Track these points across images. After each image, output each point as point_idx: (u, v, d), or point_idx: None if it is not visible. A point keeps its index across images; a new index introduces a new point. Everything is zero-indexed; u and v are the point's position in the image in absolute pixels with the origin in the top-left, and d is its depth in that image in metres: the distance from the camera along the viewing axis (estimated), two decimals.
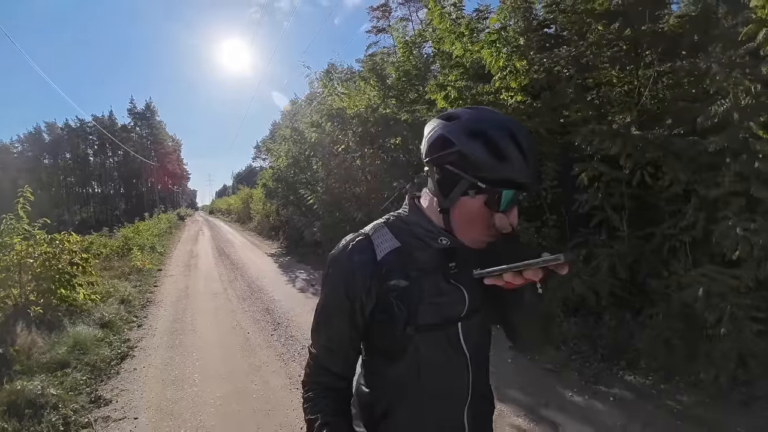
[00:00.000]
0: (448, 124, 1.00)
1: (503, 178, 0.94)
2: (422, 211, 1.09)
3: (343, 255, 1.06)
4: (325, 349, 1.10)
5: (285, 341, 5.39)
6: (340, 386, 1.11)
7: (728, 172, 3.56)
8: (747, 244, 3.41)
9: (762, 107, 3.43)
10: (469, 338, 1.08)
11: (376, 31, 37.82)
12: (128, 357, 5.13)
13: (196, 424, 3.56)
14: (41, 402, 3.72)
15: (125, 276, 9.87)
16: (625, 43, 5.19)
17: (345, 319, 1.05)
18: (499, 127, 0.97)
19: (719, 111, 3.51)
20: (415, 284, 1.02)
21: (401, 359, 1.04)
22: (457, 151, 0.96)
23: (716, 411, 3.41)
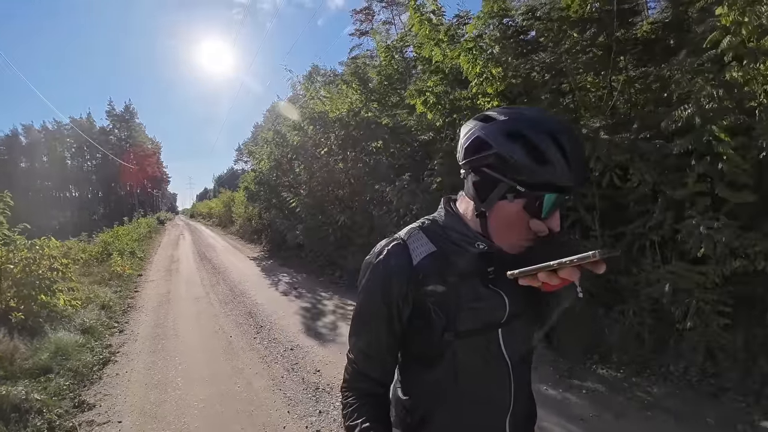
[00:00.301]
0: (485, 125, 0.98)
1: (544, 182, 0.90)
2: (458, 216, 1.07)
3: (379, 260, 1.05)
4: (363, 355, 1.09)
5: (268, 344, 5.44)
6: (378, 392, 1.10)
7: (692, 174, 3.73)
8: (710, 242, 3.59)
9: (724, 111, 3.61)
10: (510, 345, 1.06)
11: (359, 33, 37.98)
12: (110, 362, 5.15)
13: (180, 426, 3.61)
14: (26, 407, 3.75)
15: (105, 281, 9.80)
16: (599, 49, 5.36)
17: (382, 325, 1.04)
18: (539, 128, 0.93)
19: (683, 115, 3.68)
20: (452, 289, 1.01)
21: (439, 364, 1.03)
22: (495, 154, 0.94)
23: (686, 402, 3.57)
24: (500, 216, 0.97)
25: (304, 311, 6.96)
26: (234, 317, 6.85)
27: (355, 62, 10.53)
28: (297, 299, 7.88)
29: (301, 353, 5.03)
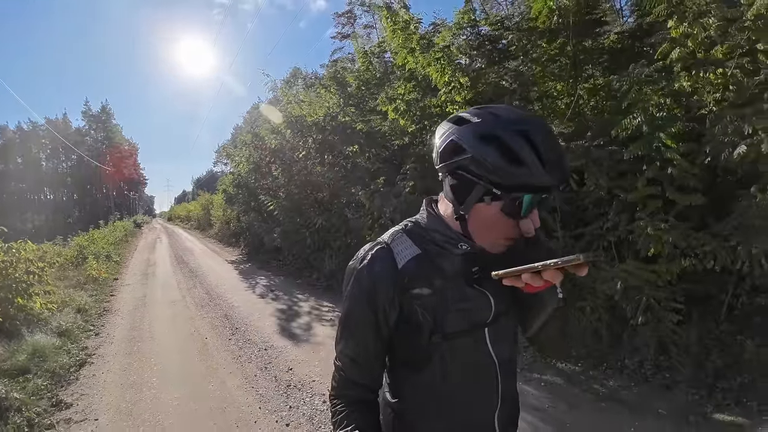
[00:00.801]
0: (458, 128, 0.98)
1: (520, 184, 0.90)
2: (440, 217, 1.06)
3: (363, 265, 1.04)
4: (351, 362, 1.08)
5: (242, 345, 5.58)
6: (368, 398, 1.10)
7: (642, 178, 3.99)
8: (659, 242, 3.84)
9: (673, 119, 3.86)
10: (496, 343, 1.07)
11: (341, 37, 38.04)
12: (87, 364, 5.23)
13: (155, 423, 3.75)
14: (5, 405, 3.84)
15: (81, 285, 9.76)
16: (565, 58, 5.62)
17: (370, 332, 1.04)
18: (512, 128, 0.93)
19: (632, 124, 3.94)
20: (439, 292, 1.01)
21: (427, 367, 1.04)
22: (470, 157, 0.94)
23: (639, 394, 3.80)
24: (479, 218, 0.98)
25: (279, 313, 7.09)
26: (210, 320, 6.95)
27: (335, 65, 10.61)
28: (273, 301, 8.00)
29: (275, 353, 5.17)
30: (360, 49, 8.92)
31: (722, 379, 3.74)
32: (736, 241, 3.60)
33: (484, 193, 0.94)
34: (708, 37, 3.73)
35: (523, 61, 5.98)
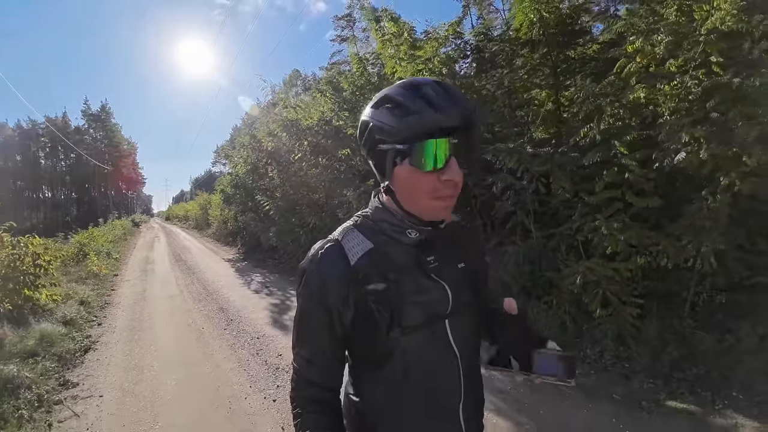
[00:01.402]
0: (366, 110, 1.01)
1: (415, 131, 0.90)
2: (384, 206, 1.05)
3: (314, 265, 1.02)
4: (307, 362, 1.07)
5: (237, 334, 5.97)
6: (326, 398, 1.08)
7: (600, 182, 4.36)
8: (614, 241, 4.21)
9: (627, 129, 4.25)
10: (458, 335, 1.05)
11: (340, 39, 38.24)
12: (91, 350, 5.61)
13: (154, 399, 4.13)
14: (17, 383, 4.21)
15: (83, 280, 10.14)
16: (547, 67, 5.99)
17: (323, 331, 1.02)
18: (401, 87, 0.96)
19: (589, 133, 4.34)
20: (394, 285, 0.98)
21: (387, 363, 1.01)
22: (371, 127, 0.96)
23: (598, 381, 4.12)
24: (400, 184, 0.98)
25: (272, 306, 7.47)
26: (206, 312, 7.33)
27: (334, 67, 10.80)
28: (267, 296, 8.37)
29: (267, 341, 5.56)
30: (354, 55, 9.26)
31: (678, 370, 4.03)
32: (687, 240, 3.92)
33: (394, 156, 0.95)
34: (660, 52, 4.08)
35: (506, 71, 6.31)
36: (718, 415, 3.48)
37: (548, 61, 5.96)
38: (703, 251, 3.81)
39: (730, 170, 3.60)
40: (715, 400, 3.63)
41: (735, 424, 3.34)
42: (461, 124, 0.91)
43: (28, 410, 3.88)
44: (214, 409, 3.88)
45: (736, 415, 3.43)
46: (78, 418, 3.84)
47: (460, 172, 0.93)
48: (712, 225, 3.82)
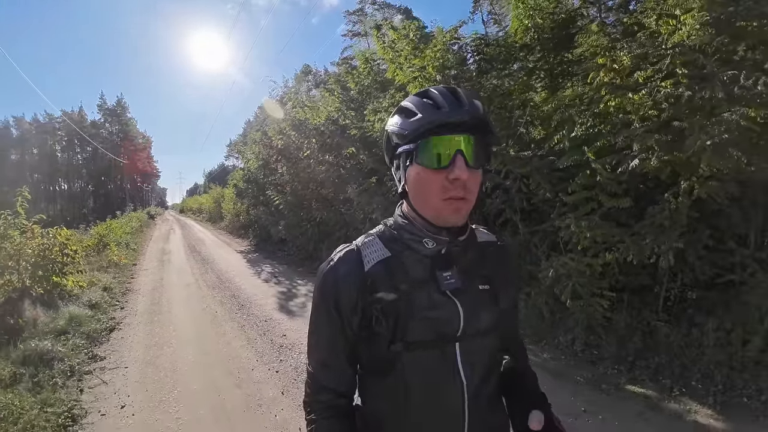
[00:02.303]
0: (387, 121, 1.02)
1: (418, 132, 0.92)
2: (404, 214, 1.05)
3: (330, 267, 1.02)
4: (321, 366, 1.06)
5: (247, 317, 6.54)
6: (339, 404, 1.06)
7: (573, 184, 4.75)
8: (583, 238, 4.59)
9: (597, 136, 4.65)
10: (468, 362, 0.99)
11: (351, 35, 38.47)
12: (116, 329, 6.22)
13: (174, 370, 4.70)
14: (51, 356, 4.80)
15: (104, 269, 10.78)
16: (542, 70, 6.33)
17: (336, 333, 1.01)
18: (414, 95, 0.99)
19: (563, 140, 4.77)
20: (404, 297, 0.96)
21: (388, 376, 0.99)
22: (388, 135, 1.01)
23: (567, 365, 4.55)
24: (412, 186, 0.98)
25: (280, 294, 8.03)
26: (219, 298, 7.92)
27: (347, 62, 10.98)
28: (276, 285, 8.96)
29: (273, 324, 6.12)
30: (361, 56, 9.59)
31: (642, 359, 4.36)
32: (650, 238, 4.24)
33: (406, 158, 0.97)
34: (625, 66, 4.40)
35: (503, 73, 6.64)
36: (673, 400, 3.76)
37: (545, 64, 6.30)
38: (662, 249, 4.14)
39: (689, 175, 3.93)
40: (674, 388, 3.92)
41: (688, 410, 3.60)
42: (467, 122, 0.91)
43: (61, 378, 4.46)
44: (225, 378, 4.45)
45: (691, 402, 3.69)
46: (106, 385, 4.42)
47: (468, 171, 0.91)
48: (671, 225, 4.13)
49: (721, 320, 4.15)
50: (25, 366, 4.57)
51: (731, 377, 3.87)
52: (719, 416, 3.49)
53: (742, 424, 3.38)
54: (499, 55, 7.02)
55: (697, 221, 4.31)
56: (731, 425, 3.38)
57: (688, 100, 3.87)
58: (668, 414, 3.59)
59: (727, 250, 4.30)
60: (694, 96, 3.83)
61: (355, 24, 39.12)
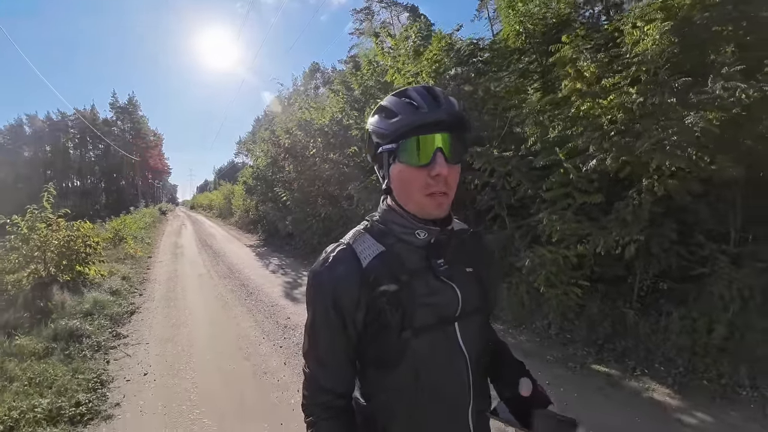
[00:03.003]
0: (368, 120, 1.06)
1: (400, 131, 0.95)
2: (391, 208, 1.07)
3: (326, 268, 1.03)
4: (321, 368, 1.06)
5: (255, 303, 7.12)
6: (339, 405, 1.07)
7: (548, 182, 5.14)
8: (555, 231, 4.97)
9: (565, 139, 5.05)
10: (467, 338, 1.06)
11: (359, 33, 38.71)
12: (136, 312, 6.86)
13: (189, 345, 5.31)
14: (80, 333, 5.43)
15: (121, 261, 11.48)
16: (536, 73, 6.72)
17: (337, 334, 1.02)
18: (392, 94, 1.02)
19: (537, 142, 5.23)
20: (406, 286, 1.00)
21: (398, 366, 1.01)
22: (370, 134, 1.03)
23: (540, 346, 4.96)
24: (396, 182, 1.02)
25: (286, 284, 8.61)
26: (230, 287, 8.52)
27: (354, 60, 11.37)
28: (282, 276, 9.53)
29: (279, 308, 6.69)
30: (365, 57, 10.01)
31: (610, 342, 4.69)
32: (615, 232, 4.56)
33: (388, 157, 1.00)
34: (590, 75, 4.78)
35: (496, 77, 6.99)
36: (634, 379, 4.06)
37: (538, 67, 6.66)
38: (624, 241, 4.44)
39: (651, 174, 4.23)
40: (636, 369, 4.22)
41: (647, 388, 3.89)
42: (444, 120, 0.96)
43: (90, 352, 5.08)
44: (236, 352, 5.04)
45: (651, 382, 3.98)
46: (130, 357, 5.02)
47: (448, 167, 0.96)
48: (633, 220, 4.37)
49: (690, 310, 4.38)
50: (56, 341, 5.19)
51: (693, 361, 4.13)
52: (676, 395, 3.77)
53: (697, 404, 3.64)
54: (493, 58, 7.46)
55: (663, 216, 4.58)
56: (686, 403, 3.65)
57: (640, 106, 4.30)
58: (627, 391, 3.91)
59: (697, 244, 4.52)
60: (645, 102, 4.27)
61: (362, 22, 39.37)
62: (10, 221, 7.45)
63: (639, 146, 4.17)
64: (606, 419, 3.46)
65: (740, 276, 4.05)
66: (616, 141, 4.42)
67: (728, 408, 3.57)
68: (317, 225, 11.47)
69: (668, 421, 3.46)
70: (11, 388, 4.03)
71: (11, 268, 7.14)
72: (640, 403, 3.72)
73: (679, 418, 3.48)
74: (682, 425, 3.39)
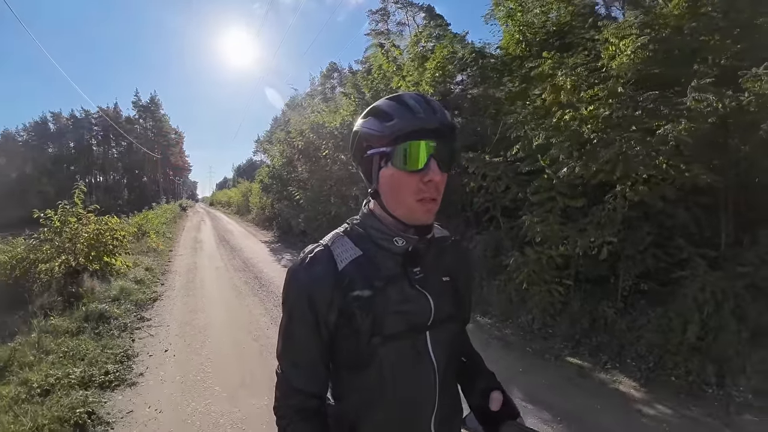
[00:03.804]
0: (357, 122, 1.06)
1: (396, 135, 0.95)
2: (372, 213, 1.08)
3: (302, 268, 1.04)
4: (293, 368, 1.07)
5: (266, 294, 7.74)
6: (311, 405, 1.07)
7: (533, 186, 5.51)
8: (535, 233, 5.33)
9: (547, 146, 5.31)
10: (437, 347, 1.06)
11: (374, 34, 38.80)
12: (158, 299, 7.55)
13: (206, 327, 5.97)
14: (108, 315, 6.08)
15: (144, 253, 12.22)
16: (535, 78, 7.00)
17: (310, 334, 1.02)
18: (387, 98, 1.03)
19: (521, 149, 5.63)
20: (379, 293, 1.00)
21: (366, 369, 1.02)
22: (360, 136, 1.03)
23: (523, 339, 5.34)
24: (385, 186, 1.02)
25: None
26: (244, 279, 9.18)
27: (369, 61, 11.64)
28: None
29: None
30: (376, 62, 10.06)
31: (587, 338, 5.01)
32: (591, 234, 4.83)
33: (380, 160, 1.00)
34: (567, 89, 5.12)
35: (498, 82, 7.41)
36: (604, 372, 4.36)
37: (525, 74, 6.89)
38: (597, 243, 4.77)
39: (623, 181, 4.52)
40: (608, 363, 4.51)
41: (614, 380, 4.18)
42: (439, 128, 0.97)
43: (117, 331, 5.72)
44: (246, 334, 5.66)
45: (620, 375, 4.27)
46: (152, 337, 5.67)
47: (440, 173, 0.97)
48: (606, 222, 4.77)
49: (667, 310, 4.56)
50: (87, 322, 5.85)
51: (664, 359, 4.35)
52: (642, 388, 4.04)
53: (660, 397, 3.87)
54: (495, 65, 7.78)
55: (643, 220, 4.90)
56: (650, 396, 3.90)
57: (605, 119, 4.70)
58: (596, 382, 4.23)
59: (677, 247, 4.72)
60: (611, 114, 4.67)
61: (377, 23, 39.37)
62: (44, 215, 8.11)
63: (602, 155, 4.54)
64: (568, 405, 3.72)
65: (713, 279, 4.25)
66: (586, 150, 4.81)
67: (691, 403, 3.78)
68: (327, 223, 12.00)
69: (629, 411, 3.72)
70: (47, 359, 4.66)
71: (44, 258, 7.78)
72: (605, 393, 4.01)
73: (639, 408, 3.75)
74: (641, 415, 3.65)
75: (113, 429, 3.55)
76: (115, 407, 3.85)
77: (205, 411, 3.77)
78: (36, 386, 4.03)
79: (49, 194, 61.59)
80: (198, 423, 3.59)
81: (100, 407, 3.79)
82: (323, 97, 13.14)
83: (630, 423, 3.55)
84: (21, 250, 8.04)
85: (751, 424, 3.44)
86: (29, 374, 4.26)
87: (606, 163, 4.56)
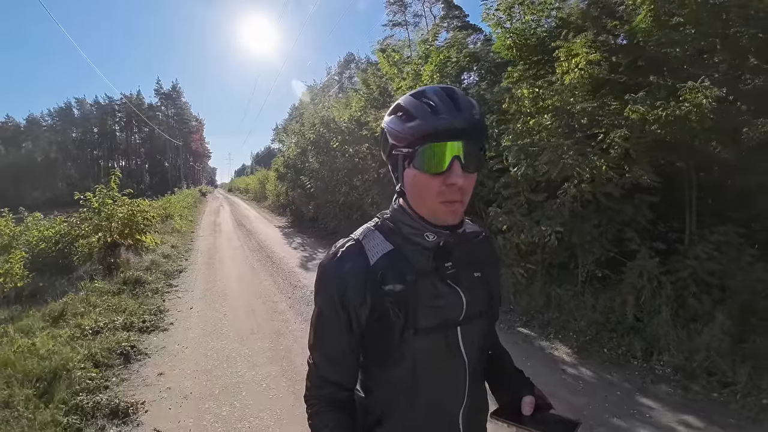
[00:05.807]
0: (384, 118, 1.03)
1: (416, 137, 0.92)
2: (403, 209, 1.05)
3: (334, 263, 1.02)
4: (325, 360, 1.07)
5: (276, 270, 8.94)
6: (342, 397, 1.08)
7: (500, 182, 6.34)
8: (498, 222, 6.11)
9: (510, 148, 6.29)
10: (468, 342, 1.05)
11: (392, 25, 39.17)
12: (184, 271, 8.86)
13: (223, 293, 7.17)
14: (143, 280, 7.30)
15: (169, 233, 13.52)
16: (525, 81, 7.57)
17: (342, 328, 1.02)
18: (410, 95, 0.98)
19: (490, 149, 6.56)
20: (411, 287, 0.98)
21: (397, 364, 1.01)
22: (386, 134, 1.00)
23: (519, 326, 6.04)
24: (409, 186, 0.99)
25: (304, 258, 10.40)
26: (258, 258, 10.42)
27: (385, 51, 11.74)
28: (302, 252, 11.37)
29: (295, 275, 8.43)
30: (385, 63, 10.24)
31: (540, 314, 5.58)
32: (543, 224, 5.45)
33: (403, 160, 0.97)
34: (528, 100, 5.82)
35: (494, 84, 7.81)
36: (545, 340, 4.97)
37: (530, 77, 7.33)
38: (546, 232, 5.32)
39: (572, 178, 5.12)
40: (551, 334, 5.07)
41: (552, 346, 4.79)
42: (464, 128, 0.92)
43: (150, 293, 6.95)
44: (256, 299, 6.87)
45: (558, 344, 4.84)
46: (179, 298, 6.90)
47: (464, 176, 0.92)
48: (554, 215, 5.38)
49: (614, 294, 5.02)
50: (125, 285, 7.08)
51: (601, 334, 4.81)
52: (573, 354, 4.58)
53: (587, 362, 4.37)
54: (489, 68, 8.43)
55: (592, 213, 5.39)
56: (578, 361, 4.41)
57: (547, 128, 5.53)
58: (536, 347, 4.87)
59: (629, 239, 5.10)
60: (552, 124, 5.50)
61: (395, 14, 39.67)
62: (84, 197, 9.33)
63: (541, 159, 5.39)
64: None
65: (650, 267, 4.70)
66: (529, 154, 5.67)
67: (613, 371, 4.19)
68: (335, 211, 13.04)
69: (555, 369, 4.25)
70: (95, 311, 5.82)
71: (84, 234, 8.99)
72: (540, 356, 4.62)
73: (564, 369, 4.27)
74: (563, 373, 4.16)
75: (150, 357, 4.72)
76: (151, 344, 5.04)
77: (221, 348, 4.92)
78: (88, 328, 5.14)
79: (74, 178, 64.71)
80: (215, 356, 4.74)
81: (139, 344, 4.96)
82: (339, 87, 13.77)
83: (551, 377, 4.07)
84: (64, 226, 9.23)
85: (663, 393, 3.80)
86: (81, 320, 5.37)
87: (545, 165, 5.33)
